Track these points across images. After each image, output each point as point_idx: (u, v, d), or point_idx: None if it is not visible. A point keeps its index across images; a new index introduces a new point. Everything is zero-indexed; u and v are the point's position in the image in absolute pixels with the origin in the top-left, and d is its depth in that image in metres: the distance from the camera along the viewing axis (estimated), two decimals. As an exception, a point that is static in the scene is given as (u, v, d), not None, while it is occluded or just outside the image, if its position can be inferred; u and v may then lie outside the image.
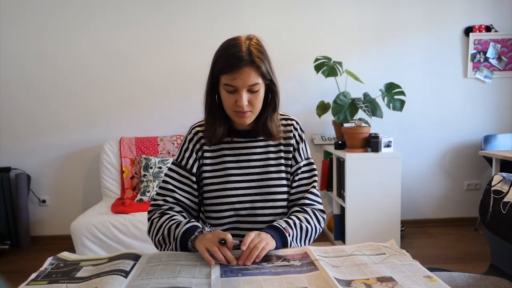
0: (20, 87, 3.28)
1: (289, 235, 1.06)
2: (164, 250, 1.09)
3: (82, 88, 3.32)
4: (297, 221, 1.11)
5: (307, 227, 1.12)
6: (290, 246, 1.06)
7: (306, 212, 1.17)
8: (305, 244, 1.12)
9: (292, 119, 1.25)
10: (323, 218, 1.20)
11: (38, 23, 3.24)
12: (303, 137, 1.25)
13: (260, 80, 1.07)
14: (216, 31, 3.30)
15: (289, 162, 1.21)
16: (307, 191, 1.21)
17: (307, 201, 1.19)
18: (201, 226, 1.06)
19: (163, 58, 3.34)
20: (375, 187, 2.83)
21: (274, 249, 1.00)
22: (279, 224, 1.08)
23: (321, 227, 1.19)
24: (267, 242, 0.97)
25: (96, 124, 3.35)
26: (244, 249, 0.93)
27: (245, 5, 3.33)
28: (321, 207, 1.22)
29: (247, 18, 3.33)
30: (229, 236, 0.96)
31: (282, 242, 1.04)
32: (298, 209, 1.18)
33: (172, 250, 1.06)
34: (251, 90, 1.07)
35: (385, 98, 2.99)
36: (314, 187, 1.22)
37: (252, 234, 0.97)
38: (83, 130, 3.35)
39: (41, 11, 3.23)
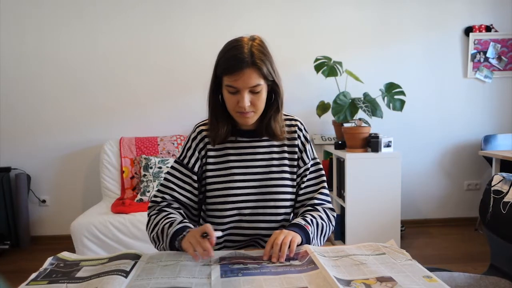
0: (20, 87, 3.28)
1: (310, 231, 1.07)
2: (158, 247, 1.11)
3: (82, 88, 3.32)
4: (313, 219, 1.12)
5: (322, 224, 1.13)
6: (311, 243, 1.07)
7: (318, 210, 1.18)
8: (321, 242, 1.13)
9: (296, 120, 1.25)
10: (334, 216, 1.21)
11: (38, 23, 3.24)
12: (308, 138, 1.25)
13: (261, 81, 1.07)
14: (216, 32, 3.30)
15: (294, 163, 1.22)
16: (316, 191, 1.22)
17: (316, 201, 1.20)
18: (192, 227, 1.07)
19: (163, 58, 3.34)
20: (375, 187, 2.83)
21: (300, 245, 1.02)
22: (298, 222, 1.09)
23: (332, 225, 1.19)
24: (293, 235, 0.99)
25: (96, 124, 3.35)
26: (276, 249, 0.95)
27: (245, 5, 3.33)
28: (330, 206, 1.22)
29: (247, 18, 3.33)
30: (210, 229, 0.97)
31: (306, 239, 1.05)
32: (310, 208, 1.19)
33: (164, 249, 1.07)
34: (253, 91, 1.08)
35: (385, 98, 2.99)
36: (324, 187, 1.23)
37: (277, 233, 0.99)
38: (83, 130, 3.35)
39: (41, 11, 3.23)
